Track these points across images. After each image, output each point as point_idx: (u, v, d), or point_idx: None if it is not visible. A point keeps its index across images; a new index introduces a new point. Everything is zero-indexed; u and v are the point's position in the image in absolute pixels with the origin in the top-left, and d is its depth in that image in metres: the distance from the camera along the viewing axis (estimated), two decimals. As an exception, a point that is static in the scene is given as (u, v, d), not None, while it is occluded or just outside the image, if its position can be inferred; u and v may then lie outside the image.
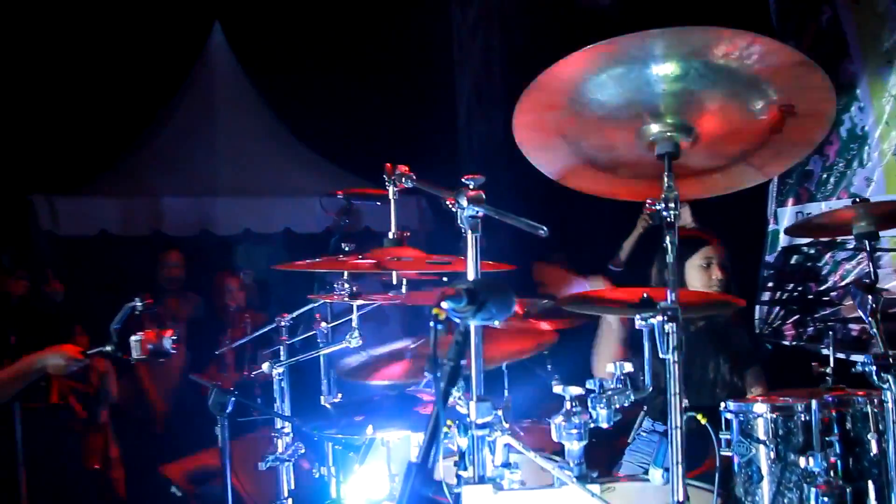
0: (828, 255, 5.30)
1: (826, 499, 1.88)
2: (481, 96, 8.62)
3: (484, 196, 1.83)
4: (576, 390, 1.86)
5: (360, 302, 3.30)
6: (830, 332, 2.98)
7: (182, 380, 5.41)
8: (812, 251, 5.47)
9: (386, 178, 2.28)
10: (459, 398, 1.98)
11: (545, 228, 1.80)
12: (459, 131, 9.33)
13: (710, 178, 2.01)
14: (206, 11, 8.58)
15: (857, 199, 2.08)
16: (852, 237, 2.23)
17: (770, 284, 5.69)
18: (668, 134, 1.80)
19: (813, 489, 1.90)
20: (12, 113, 7.77)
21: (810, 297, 5.41)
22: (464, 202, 1.82)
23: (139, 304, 3.05)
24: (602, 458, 3.45)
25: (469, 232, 1.84)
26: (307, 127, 8.77)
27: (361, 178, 7.14)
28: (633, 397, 1.89)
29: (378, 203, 2.94)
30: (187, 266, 6.36)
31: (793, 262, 5.64)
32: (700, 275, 3.19)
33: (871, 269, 2.06)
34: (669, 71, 1.69)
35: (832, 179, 5.43)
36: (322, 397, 3.69)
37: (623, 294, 2.08)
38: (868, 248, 2.09)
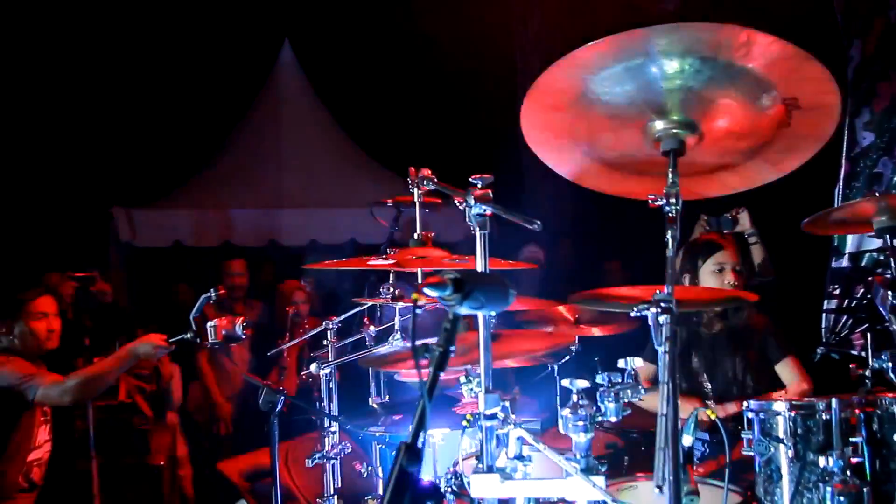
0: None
1: (842, 498, 1.84)
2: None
3: (491, 194, 1.89)
4: (583, 383, 1.89)
5: (401, 305, 3.41)
6: (868, 334, 2.89)
7: (246, 383, 5.65)
8: (881, 257, 5.26)
9: (410, 182, 2.36)
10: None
11: (538, 222, 1.84)
12: (523, 142, 9.33)
13: (723, 175, 2.01)
14: (277, 30, 8.91)
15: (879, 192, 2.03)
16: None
17: (836, 292, 5.50)
18: (673, 131, 1.82)
19: (828, 488, 1.87)
20: (95, 131, 8.26)
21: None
22: (472, 201, 1.89)
23: (213, 294, 3.36)
24: (647, 461, 3.45)
25: (477, 229, 1.91)
26: (374, 140, 8.98)
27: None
28: (643, 392, 1.91)
29: (426, 210, 3.03)
30: (255, 275, 6.60)
31: (861, 268, 5.44)
32: (713, 279, 3.29)
33: (893, 266, 2.02)
34: (668, 68, 1.71)
35: (904, 181, 5.24)
36: (370, 399, 3.81)
37: (636, 290, 2.09)
38: (890, 244, 2.05)
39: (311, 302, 6.15)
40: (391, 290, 3.39)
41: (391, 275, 3.58)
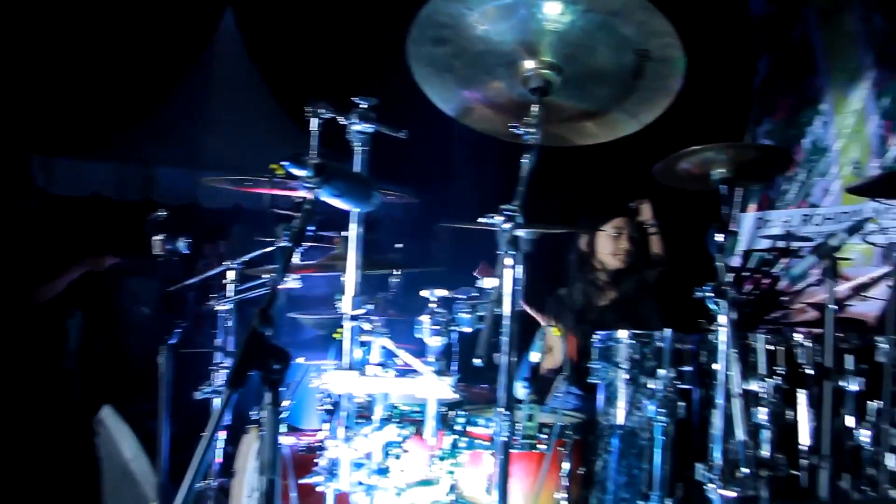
0: (783, 261, 5.46)
1: (662, 410, 2.07)
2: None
3: (375, 116, 2.06)
4: (441, 292, 2.07)
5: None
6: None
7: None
8: (769, 256, 5.64)
9: (306, 111, 2.48)
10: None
11: (405, 131, 2.02)
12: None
13: (585, 125, 2.21)
14: (221, -4, 8.90)
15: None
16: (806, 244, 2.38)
17: (725, 286, 5.84)
18: (541, 70, 2.01)
19: (651, 404, 2.09)
20: (26, 76, 8.12)
21: (762, 300, 5.56)
22: (354, 118, 2.05)
23: (161, 214, 3.64)
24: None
25: (357, 147, 2.07)
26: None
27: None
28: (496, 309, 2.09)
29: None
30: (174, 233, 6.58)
31: (750, 265, 5.81)
32: (609, 242, 3.49)
33: (730, 213, 2.22)
34: (541, 10, 1.89)
35: (793, 188, 5.64)
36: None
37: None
38: (729, 195, 2.26)
39: (222, 258, 6.18)
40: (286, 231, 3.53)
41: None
